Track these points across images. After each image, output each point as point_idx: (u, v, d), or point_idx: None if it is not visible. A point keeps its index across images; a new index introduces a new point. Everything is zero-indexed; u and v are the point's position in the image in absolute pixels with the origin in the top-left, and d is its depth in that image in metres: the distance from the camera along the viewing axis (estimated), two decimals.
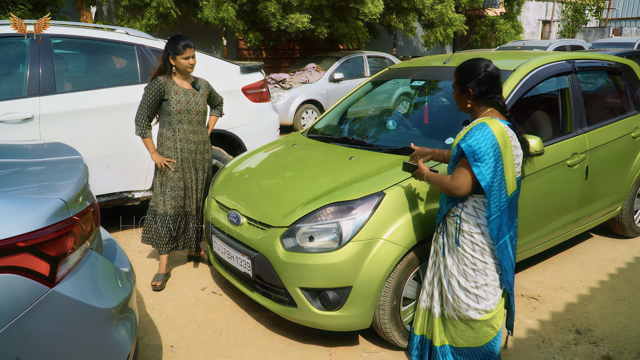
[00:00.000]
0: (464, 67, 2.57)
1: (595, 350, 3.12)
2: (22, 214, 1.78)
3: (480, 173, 2.37)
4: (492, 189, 2.40)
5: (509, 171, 2.44)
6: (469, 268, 2.55)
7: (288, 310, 2.98)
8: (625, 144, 4.32)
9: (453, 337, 2.69)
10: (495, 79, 2.51)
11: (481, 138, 2.38)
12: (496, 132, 2.40)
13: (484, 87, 2.50)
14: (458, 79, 2.58)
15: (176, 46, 3.67)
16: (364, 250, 2.76)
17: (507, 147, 2.42)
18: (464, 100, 2.58)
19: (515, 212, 2.55)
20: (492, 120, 2.45)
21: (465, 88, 2.54)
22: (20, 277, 1.72)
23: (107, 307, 2.00)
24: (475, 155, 2.37)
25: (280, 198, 3.17)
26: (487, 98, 2.52)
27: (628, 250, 4.56)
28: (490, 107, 2.55)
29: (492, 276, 2.55)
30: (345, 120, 4.41)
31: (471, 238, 2.53)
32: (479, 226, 2.51)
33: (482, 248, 2.52)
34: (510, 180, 2.46)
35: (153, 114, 3.76)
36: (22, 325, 1.72)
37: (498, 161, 2.39)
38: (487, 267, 2.54)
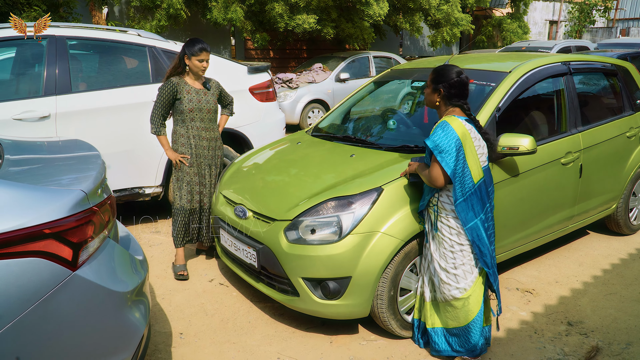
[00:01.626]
0: (440, 70, 2.92)
1: (585, 341, 3.26)
2: (47, 203, 1.95)
3: (444, 162, 2.71)
4: (455, 176, 2.74)
5: (470, 160, 2.76)
6: (448, 250, 2.85)
7: (291, 299, 3.14)
8: (620, 143, 4.45)
9: (443, 319, 2.94)
10: (465, 86, 2.87)
11: (442, 134, 2.75)
12: (455, 127, 2.75)
13: (453, 91, 2.84)
14: (432, 79, 2.92)
15: (193, 48, 3.85)
16: (363, 243, 2.93)
17: (466, 139, 2.75)
18: (434, 98, 2.94)
19: (486, 197, 2.83)
20: (452, 118, 2.80)
21: (437, 88, 2.88)
22: (47, 261, 1.90)
23: (123, 291, 2.17)
24: (438, 148, 2.73)
25: (284, 193, 3.34)
26: (454, 100, 2.87)
27: (623, 247, 4.69)
28: (453, 108, 2.87)
29: (468, 257, 2.85)
30: (348, 119, 4.57)
31: (448, 222, 2.83)
32: (454, 211, 2.81)
33: (458, 231, 2.83)
34: (475, 169, 2.77)
35: (167, 113, 3.93)
36: (48, 304, 1.89)
37: (459, 152, 2.73)
38: (463, 249, 2.84)
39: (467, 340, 2.90)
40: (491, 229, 2.89)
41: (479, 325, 2.88)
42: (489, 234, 2.85)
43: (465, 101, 2.88)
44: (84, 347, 2.03)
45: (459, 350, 2.93)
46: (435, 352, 3.00)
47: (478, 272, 2.87)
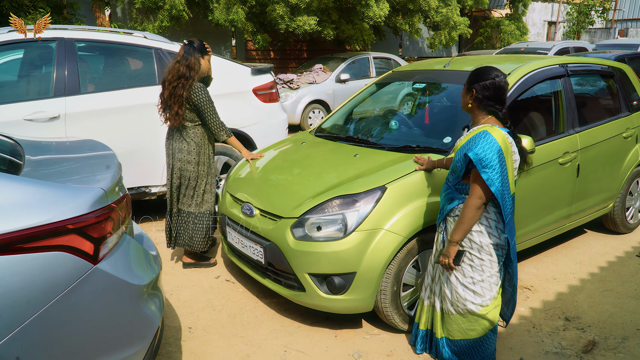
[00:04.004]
0: (477, 70, 2.76)
1: (582, 335, 3.36)
2: (70, 200, 2.05)
3: (489, 179, 2.53)
4: (502, 193, 2.58)
5: (510, 175, 2.63)
6: (467, 265, 2.77)
7: (297, 294, 3.24)
8: (617, 143, 4.56)
9: (449, 330, 2.91)
10: (500, 89, 2.68)
11: (486, 146, 2.56)
12: (499, 139, 2.58)
13: (487, 93, 2.67)
14: (468, 79, 2.77)
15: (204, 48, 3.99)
16: (367, 239, 3.03)
17: (508, 153, 2.61)
18: (467, 99, 2.77)
19: (513, 209, 2.75)
20: (493, 128, 2.63)
21: (471, 88, 2.73)
22: (70, 255, 1.99)
23: (140, 284, 2.27)
24: (482, 162, 2.54)
25: (290, 191, 3.44)
26: (488, 104, 2.70)
27: (620, 245, 4.80)
28: (489, 115, 2.73)
29: (488, 273, 2.75)
30: (350, 120, 4.67)
31: (470, 236, 2.73)
32: (478, 225, 2.71)
33: (480, 246, 2.72)
34: (511, 184, 2.65)
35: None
36: (71, 296, 1.99)
37: (502, 167, 2.56)
38: (483, 264, 2.74)
39: (478, 352, 2.88)
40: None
41: (492, 340, 2.87)
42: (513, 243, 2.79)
43: (501, 108, 2.70)
44: (105, 337, 2.13)
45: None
46: None
47: (497, 291, 2.80)
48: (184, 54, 3.91)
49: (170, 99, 3.87)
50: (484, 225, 2.71)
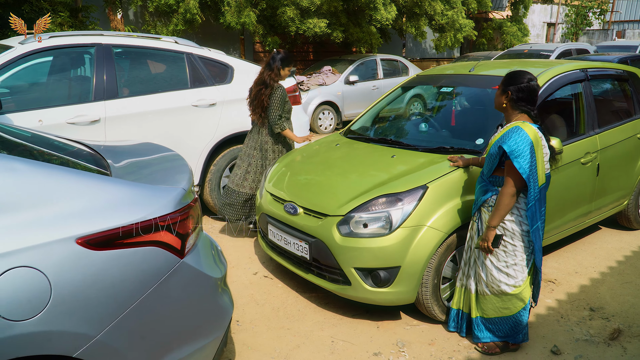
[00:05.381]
0: (512, 73, 3.06)
1: (607, 324, 3.58)
2: (159, 200, 2.24)
3: (521, 167, 2.82)
4: (529, 181, 2.86)
5: (540, 166, 2.91)
6: (501, 250, 3.04)
7: (343, 288, 3.44)
8: (632, 144, 4.78)
9: (484, 309, 3.18)
10: (534, 92, 2.98)
11: (518, 139, 2.86)
12: (530, 133, 2.88)
13: (522, 94, 2.97)
14: (503, 81, 3.06)
15: (289, 61, 4.73)
16: (411, 235, 3.23)
17: (538, 146, 2.89)
18: (502, 99, 3.06)
19: (544, 201, 3.02)
20: (525, 124, 2.93)
21: (506, 90, 3.02)
22: (161, 249, 2.18)
23: (217, 277, 2.46)
24: (514, 153, 2.84)
25: (334, 191, 3.63)
26: (521, 105, 2.99)
27: (634, 241, 5.02)
28: (522, 114, 3.01)
29: (520, 257, 3.04)
30: (379, 122, 4.87)
31: (503, 224, 3.01)
32: (511, 214, 2.99)
33: (512, 233, 3.01)
34: (541, 174, 2.93)
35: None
36: (163, 288, 2.17)
37: (532, 157, 2.85)
38: (516, 250, 3.02)
39: (512, 328, 3.14)
40: (543, 230, 3.07)
41: (525, 317, 3.13)
42: (542, 234, 3.04)
43: (533, 108, 2.98)
44: (190, 325, 2.32)
45: (502, 337, 3.19)
46: (477, 339, 3.24)
47: (528, 271, 3.07)
48: (268, 63, 4.64)
49: (255, 100, 4.72)
50: (515, 214, 2.99)
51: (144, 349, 2.15)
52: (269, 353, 3.25)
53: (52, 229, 1.94)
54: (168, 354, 2.24)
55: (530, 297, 3.15)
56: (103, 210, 2.08)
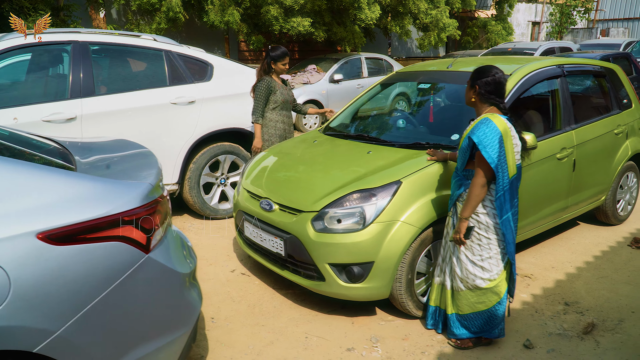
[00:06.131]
0: (480, 68, 3.12)
1: (582, 318, 3.60)
2: (125, 195, 2.22)
3: (489, 157, 2.87)
4: (497, 171, 2.90)
5: (509, 157, 2.94)
6: (475, 244, 3.06)
7: (317, 284, 3.43)
8: (609, 139, 4.82)
9: (459, 306, 3.18)
10: (500, 84, 3.04)
11: (487, 130, 2.91)
12: (499, 124, 2.93)
13: (489, 88, 3.03)
14: (472, 76, 3.13)
15: (278, 54, 4.97)
16: (385, 231, 3.23)
17: (508, 137, 2.93)
18: (470, 94, 3.13)
19: (516, 193, 3.05)
20: (494, 115, 2.98)
21: (474, 84, 3.08)
22: (126, 244, 2.16)
23: (184, 272, 2.45)
24: (483, 143, 2.89)
25: (309, 187, 3.63)
26: (489, 98, 3.04)
27: (611, 236, 5.06)
28: (491, 106, 3.06)
29: (495, 250, 3.05)
30: (358, 119, 4.87)
31: (477, 218, 3.03)
32: (484, 207, 3.02)
33: (486, 226, 3.03)
34: (511, 165, 2.96)
35: (265, 105, 5.00)
36: (127, 283, 2.16)
37: (501, 147, 2.89)
38: (490, 243, 3.04)
39: (487, 323, 3.15)
40: (516, 222, 3.10)
41: (500, 311, 3.13)
42: (515, 226, 3.07)
43: (501, 100, 3.04)
44: (156, 320, 2.31)
45: (477, 332, 3.20)
46: (453, 335, 3.24)
47: (504, 265, 3.08)
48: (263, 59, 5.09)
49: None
50: (488, 207, 3.01)
51: (107, 345, 2.13)
52: (242, 350, 3.23)
53: (12, 224, 1.92)
54: (133, 349, 2.22)
55: (507, 291, 3.15)
56: (65, 205, 2.06)
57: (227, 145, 5.50)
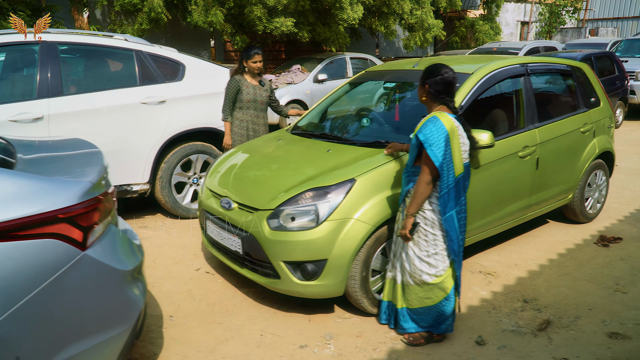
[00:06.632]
0: (429, 67, 3.16)
1: (538, 315, 3.63)
2: (61, 192, 2.24)
3: (434, 155, 2.90)
4: (442, 169, 2.93)
5: (456, 155, 2.98)
6: (422, 239, 3.09)
7: (273, 282, 3.46)
8: (575, 138, 4.85)
9: (408, 300, 3.22)
10: (449, 84, 3.07)
11: (434, 128, 2.95)
12: (446, 123, 2.96)
13: (438, 87, 3.06)
14: (422, 75, 3.17)
15: (249, 53, 5.00)
16: (338, 228, 3.26)
17: (454, 135, 2.96)
18: (421, 93, 3.18)
19: (462, 191, 3.08)
20: (442, 114, 3.01)
21: (424, 83, 3.12)
22: (60, 242, 2.18)
23: (124, 269, 2.47)
24: (429, 141, 2.92)
25: (266, 186, 3.65)
26: (439, 96, 3.08)
27: (579, 234, 5.10)
28: (441, 105, 3.09)
29: (441, 247, 3.09)
30: (325, 118, 4.89)
31: (423, 214, 3.07)
32: (430, 204, 3.06)
33: (432, 222, 3.07)
34: (458, 164, 3.00)
35: (233, 104, 5.09)
36: (62, 280, 2.18)
37: (447, 146, 2.93)
38: (436, 239, 3.08)
39: (435, 318, 3.19)
40: (463, 220, 3.15)
41: (448, 308, 3.16)
42: (460, 224, 3.11)
43: (451, 99, 3.09)
44: (92, 317, 2.32)
45: (426, 327, 3.23)
46: (402, 329, 3.28)
47: (450, 261, 3.13)
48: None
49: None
50: (434, 204, 3.05)
51: (40, 341, 2.15)
52: (195, 347, 3.26)
53: None
54: (69, 345, 2.24)
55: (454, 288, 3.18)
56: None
57: (199, 144, 5.52)
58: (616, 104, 10.96)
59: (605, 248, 4.76)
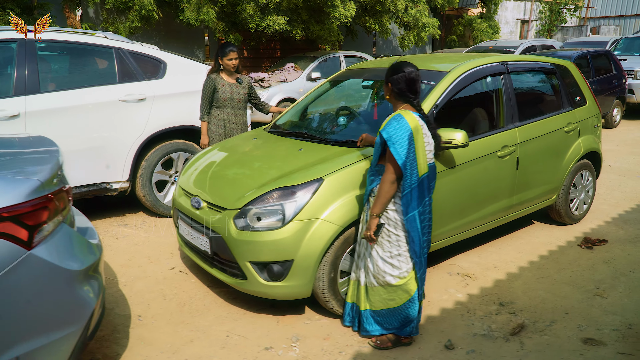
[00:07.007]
0: (394, 65, 3.11)
1: (513, 319, 3.56)
2: (6, 190, 2.20)
3: (397, 153, 2.85)
4: (405, 168, 2.87)
5: (420, 155, 2.92)
6: (385, 240, 3.03)
7: (240, 282, 3.41)
8: (558, 137, 4.77)
9: (372, 301, 3.16)
10: (412, 82, 3.01)
11: (397, 126, 2.90)
12: (410, 121, 2.91)
13: (401, 85, 3.01)
14: (386, 73, 3.11)
15: (224, 50, 4.93)
16: (304, 229, 3.20)
17: (418, 134, 2.91)
18: (386, 91, 3.13)
19: (426, 192, 3.01)
20: (406, 112, 2.96)
21: (388, 81, 3.07)
22: (4, 241, 2.14)
23: (74, 269, 2.41)
24: (392, 139, 2.87)
25: (235, 185, 3.60)
26: (402, 95, 3.02)
27: (563, 236, 5.02)
28: (405, 103, 3.04)
29: (404, 247, 3.03)
30: (304, 116, 4.84)
31: (387, 214, 3.01)
32: (394, 204, 2.99)
33: (395, 223, 3.01)
34: (422, 163, 2.94)
35: (210, 103, 5.01)
36: (5, 279, 2.13)
37: (411, 144, 2.87)
38: (399, 240, 3.02)
39: (399, 321, 3.13)
40: (426, 221, 3.08)
41: (412, 310, 3.10)
42: (423, 225, 3.03)
43: (415, 97, 3.03)
44: (38, 318, 2.27)
45: (391, 329, 3.17)
46: (365, 332, 3.22)
47: (413, 264, 3.07)
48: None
49: None
50: (397, 204, 2.99)
51: None
52: (160, 347, 3.21)
53: None
54: (12, 347, 2.19)
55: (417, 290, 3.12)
56: None
57: (180, 142, 5.47)
58: (613, 103, 10.86)
59: (588, 250, 4.69)
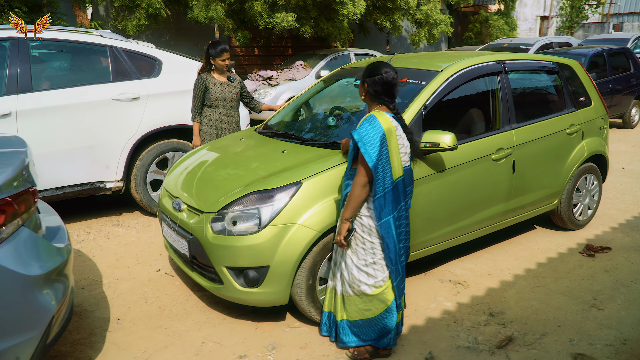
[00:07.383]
0: (370, 65, 2.97)
1: (502, 330, 3.40)
2: None
3: (367, 154, 2.73)
4: (377, 170, 2.75)
5: (394, 157, 2.80)
6: (360, 247, 2.91)
7: (217, 287, 3.33)
8: (559, 140, 4.58)
9: (348, 311, 3.03)
10: (388, 84, 2.87)
11: (369, 127, 2.78)
12: (383, 122, 2.79)
13: (377, 87, 2.88)
14: (363, 73, 2.98)
15: (215, 50, 4.77)
16: (281, 234, 3.10)
17: (392, 135, 2.79)
18: (361, 91, 3.00)
19: (402, 196, 2.89)
20: (380, 113, 2.84)
21: (363, 82, 2.95)
22: None
23: (32, 274, 2.35)
24: (363, 140, 2.76)
25: (215, 187, 3.52)
26: (377, 96, 2.90)
27: (565, 242, 4.83)
28: (380, 105, 2.92)
29: (380, 255, 2.90)
30: (295, 117, 4.74)
31: (360, 220, 2.89)
32: (368, 209, 2.87)
33: (370, 229, 2.88)
34: (396, 166, 2.81)
35: (202, 103, 4.91)
36: None
37: (383, 146, 2.75)
38: (374, 247, 2.89)
39: (376, 332, 3.00)
40: (403, 227, 2.96)
41: (389, 320, 2.97)
42: (399, 232, 2.91)
43: (391, 100, 2.91)
44: None
45: (367, 340, 3.04)
46: (342, 343, 3.10)
47: (389, 271, 2.94)
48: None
49: None
50: (372, 209, 2.86)
51: None
52: (133, 353, 3.15)
53: None
54: None
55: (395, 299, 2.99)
56: None
57: (175, 142, 5.42)
58: (632, 103, 10.53)
59: (590, 258, 4.50)
